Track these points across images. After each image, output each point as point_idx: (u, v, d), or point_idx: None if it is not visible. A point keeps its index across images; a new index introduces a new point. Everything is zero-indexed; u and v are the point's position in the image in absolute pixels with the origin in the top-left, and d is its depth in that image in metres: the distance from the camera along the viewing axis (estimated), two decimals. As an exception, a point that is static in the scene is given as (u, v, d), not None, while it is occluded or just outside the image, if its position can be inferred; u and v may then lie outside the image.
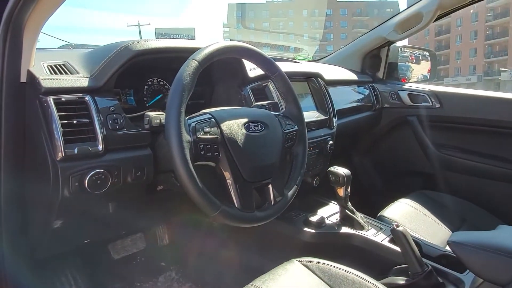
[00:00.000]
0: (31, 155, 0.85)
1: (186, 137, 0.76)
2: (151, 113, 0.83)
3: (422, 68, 2.28)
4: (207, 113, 0.87)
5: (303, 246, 1.23)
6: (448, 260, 1.09)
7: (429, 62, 2.20)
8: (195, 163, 0.78)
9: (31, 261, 1.00)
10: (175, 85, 0.78)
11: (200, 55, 0.82)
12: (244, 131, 0.87)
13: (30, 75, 0.84)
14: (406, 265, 1.04)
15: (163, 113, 0.84)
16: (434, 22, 1.66)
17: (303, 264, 1.01)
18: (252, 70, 1.22)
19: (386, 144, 1.98)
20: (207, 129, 0.81)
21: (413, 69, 2.20)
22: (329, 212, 1.34)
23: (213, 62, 0.86)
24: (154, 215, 1.34)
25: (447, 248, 1.16)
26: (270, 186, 0.92)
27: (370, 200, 1.75)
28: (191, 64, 0.80)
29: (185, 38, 1.58)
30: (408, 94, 1.85)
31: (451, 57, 43.47)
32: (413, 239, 1.05)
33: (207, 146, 0.80)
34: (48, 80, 0.84)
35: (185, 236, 1.47)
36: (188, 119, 0.84)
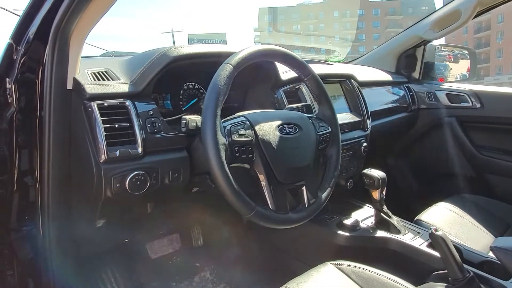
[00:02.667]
0: (77, 157, 0.90)
1: (222, 139, 0.78)
2: (187, 117, 0.86)
3: (460, 67, 2.20)
4: (241, 116, 0.89)
5: (337, 249, 1.22)
6: (491, 267, 1.04)
7: (468, 60, 2.12)
8: (230, 165, 0.79)
9: (76, 259, 1.06)
10: (211, 89, 0.80)
11: (234, 59, 0.84)
12: (278, 133, 0.88)
13: (76, 82, 0.89)
14: (446, 271, 1.00)
15: (199, 116, 0.86)
16: (473, 19, 1.60)
17: (337, 267, 0.99)
18: (285, 73, 1.22)
19: (423, 146, 1.92)
20: (241, 132, 0.83)
21: (451, 68, 2.13)
22: (364, 216, 1.31)
23: (247, 65, 0.88)
24: (189, 216, 1.38)
25: (490, 254, 1.10)
26: (304, 188, 0.92)
27: (406, 203, 1.70)
28: (226, 68, 0.82)
29: (217, 43, 1.60)
30: (446, 94, 1.79)
31: (491, 55, 41.42)
32: (453, 244, 1.01)
33: (242, 148, 0.82)
34: (92, 87, 0.88)
35: (219, 237, 1.49)
36: (223, 122, 0.85)
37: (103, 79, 0.95)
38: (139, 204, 1.01)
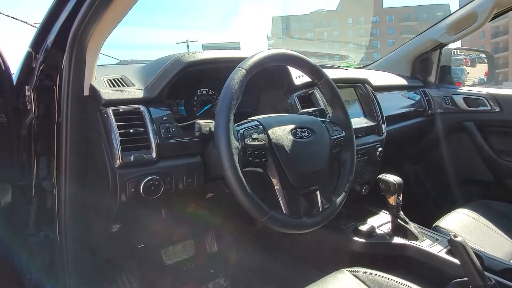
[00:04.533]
0: (92, 163, 0.91)
1: (235, 143, 0.78)
2: (201, 121, 0.86)
3: (478, 71, 2.16)
4: (254, 120, 0.89)
5: (352, 256, 1.20)
6: None
7: (486, 64, 2.08)
8: (244, 169, 0.79)
9: (92, 264, 1.07)
10: (224, 93, 0.80)
11: (247, 64, 0.84)
12: (291, 137, 0.87)
13: (92, 89, 0.90)
14: (466, 279, 0.97)
15: (212, 121, 0.87)
16: (489, 22, 1.57)
17: (353, 274, 0.98)
18: (298, 77, 1.22)
19: (440, 151, 1.88)
20: (255, 136, 0.83)
21: (468, 72, 2.10)
22: (380, 222, 1.29)
23: (260, 70, 0.88)
24: (203, 222, 1.37)
25: None
26: (318, 192, 0.91)
27: (423, 210, 1.67)
28: (239, 73, 0.82)
29: None
30: (464, 98, 1.76)
31: (510, 59, 40.52)
32: (473, 251, 0.98)
33: (255, 152, 0.82)
34: (107, 93, 0.90)
35: (233, 243, 1.48)
36: (236, 126, 0.85)
37: (119, 86, 0.97)
38: (153, 209, 1.01)
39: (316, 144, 0.91)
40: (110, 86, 0.95)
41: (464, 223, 1.35)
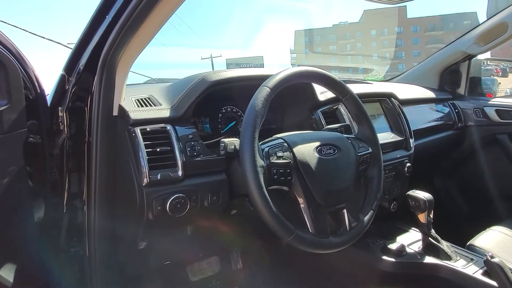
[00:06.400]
0: (121, 181, 0.93)
1: (260, 162, 0.78)
2: (226, 140, 0.87)
3: (510, 81, 2.09)
4: (279, 138, 0.88)
5: (381, 276, 1.15)
6: None
7: (520, 74, 2.00)
8: (269, 188, 0.79)
9: (119, 280, 1.08)
10: (249, 112, 0.81)
11: (271, 82, 0.84)
12: (316, 154, 0.87)
13: (121, 109, 0.93)
14: (504, 302, 0.92)
15: (237, 139, 0.87)
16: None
17: None
18: (322, 93, 1.22)
19: (472, 165, 1.81)
20: (280, 154, 0.83)
21: (500, 83, 2.02)
22: (410, 240, 1.24)
23: (284, 87, 0.88)
24: (228, 239, 1.37)
25: None
26: (345, 210, 0.89)
27: (456, 227, 1.60)
28: (263, 91, 0.83)
29: (254, 67, 1.64)
30: (496, 110, 1.69)
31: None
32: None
33: (280, 171, 0.81)
34: (135, 113, 0.93)
35: (258, 260, 1.47)
36: (261, 144, 0.86)
37: (146, 105, 0.99)
38: (180, 226, 1.02)
39: (342, 161, 0.90)
40: (138, 106, 0.98)
41: (500, 242, 1.29)
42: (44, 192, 1.00)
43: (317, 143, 0.89)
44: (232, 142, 0.86)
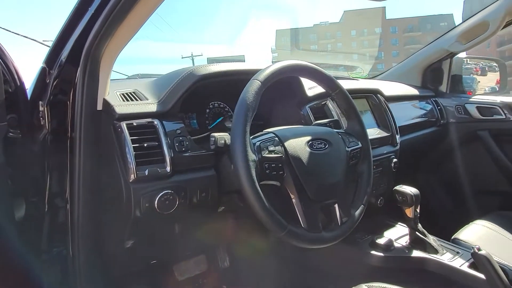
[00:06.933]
0: (106, 177, 0.90)
1: (252, 156, 0.76)
2: (216, 134, 0.85)
3: (489, 80, 2.13)
4: (269, 132, 0.87)
5: (369, 270, 1.16)
6: None
7: (497, 73, 2.05)
8: (261, 182, 0.77)
9: (104, 281, 1.05)
10: (240, 105, 0.79)
11: (262, 75, 0.83)
12: (308, 149, 0.86)
13: (106, 103, 0.90)
14: (491, 294, 0.94)
15: (227, 134, 0.86)
16: (501, 29, 1.56)
17: None
18: (311, 89, 1.21)
19: (455, 161, 1.84)
20: (271, 148, 0.81)
21: (479, 81, 2.07)
22: (397, 235, 1.25)
23: (273, 82, 0.87)
24: (215, 237, 1.35)
25: None
26: (336, 205, 0.89)
27: (440, 222, 1.63)
28: (254, 84, 0.82)
29: None
30: (477, 107, 1.73)
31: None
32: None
33: (272, 165, 0.80)
34: (121, 107, 0.89)
35: (246, 257, 1.45)
36: (252, 138, 0.84)
37: (132, 100, 0.96)
38: (167, 224, 1.00)
39: (333, 156, 0.90)
40: (124, 100, 0.95)
41: (483, 235, 1.32)
42: (25, 190, 0.96)
43: (308, 138, 0.88)
44: (222, 136, 0.85)
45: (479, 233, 1.33)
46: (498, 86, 2.03)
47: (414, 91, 1.78)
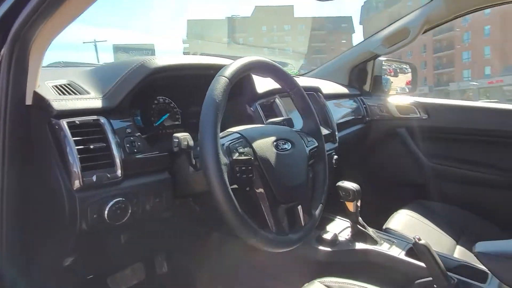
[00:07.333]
0: (41, 185, 0.76)
1: (224, 159, 0.71)
2: (179, 135, 0.77)
3: (400, 81, 2.35)
4: (235, 132, 0.82)
5: (318, 266, 1.19)
6: (467, 271, 1.09)
7: (407, 74, 2.27)
8: (231, 187, 0.72)
9: None
10: (208, 104, 0.73)
11: (228, 72, 0.78)
12: (274, 150, 0.83)
13: (38, 97, 0.75)
14: (429, 279, 1.03)
15: (187, 134, 0.79)
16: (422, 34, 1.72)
17: (325, 285, 0.97)
18: (261, 85, 1.18)
19: (377, 156, 2.00)
20: (241, 150, 0.77)
21: (392, 82, 2.26)
22: (339, 229, 1.31)
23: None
24: (153, 242, 1.25)
25: (463, 258, 1.17)
26: (299, 206, 0.88)
27: (369, 213, 1.75)
28: (221, 81, 0.76)
29: (145, 55, 1.52)
30: (396, 106, 1.89)
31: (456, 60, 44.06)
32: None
33: (242, 168, 0.76)
34: (59, 102, 0.76)
35: (187, 261, 1.38)
36: None
37: (68, 93, 0.82)
38: (115, 235, 0.88)
39: (297, 156, 0.89)
40: (59, 94, 0.80)
41: (408, 223, 1.45)
42: None
43: (274, 138, 0.85)
44: (185, 137, 0.77)
45: (404, 221, 1.46)
46: (408, 87, 2.25)
47: (344, 90, 1.88)
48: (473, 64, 37.54)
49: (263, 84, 1.19)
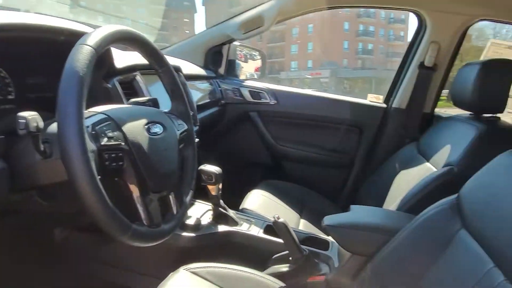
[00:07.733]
0: None
1: (91, 145, 0.59)
2: (25, 114, 0.60)
3: (249, 67, 2.47)
4: (99, 112, 0.70)
5: (182, 253, 1.15)
6: (312, 241, 1.24)
7: (256, 61, 2.41)
8: (99, 177, 0.61)
9: None
10: (69, 78, 0.59)
11: (94, 40, 0.65)
12: (146, 134, 0.74)
13: None
14: (284, 253, 1.12)
15: (36, 113, 0.62)
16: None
17: (191, 272, 0.96)
18: (120, 59, 1.04)
19: (231, 139, 2.06)
20: (110, 134, 0.65)
21: (243, 67, 2.36)
22: (200, 213, 1.29)
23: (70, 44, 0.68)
24: None
25: (308, 230, 1.32)
26: (172, 194, 0.82)
27: (223, 195, 1.80)
28: (84, 50, 0.62)
29: None
30: (249, 91, 1.98)
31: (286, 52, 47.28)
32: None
33: (112, 155, 0.65)
34: None
35: (24, 264, 1.14)
36: None
37: None
38: None
39: (168, 141, 0.82)
40: None
41: (262, 203, 1.56)
42: None
43: (145, 121, 0.76)
44: (34, 118, 0.60)
45: (258, 201, 1.56)
46: (256, 74, 2.39)
47: (202, 71, 1.85)
48: (299, 56, 43.05)
49: (123, 58, 1.05)
